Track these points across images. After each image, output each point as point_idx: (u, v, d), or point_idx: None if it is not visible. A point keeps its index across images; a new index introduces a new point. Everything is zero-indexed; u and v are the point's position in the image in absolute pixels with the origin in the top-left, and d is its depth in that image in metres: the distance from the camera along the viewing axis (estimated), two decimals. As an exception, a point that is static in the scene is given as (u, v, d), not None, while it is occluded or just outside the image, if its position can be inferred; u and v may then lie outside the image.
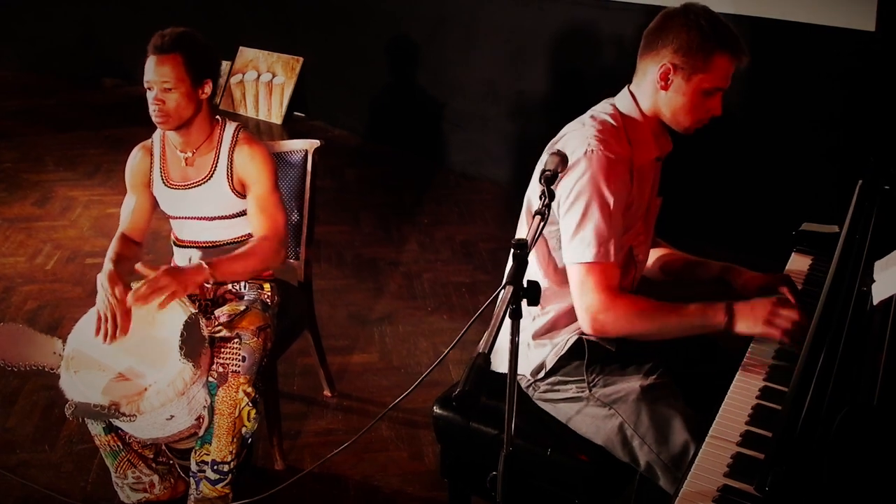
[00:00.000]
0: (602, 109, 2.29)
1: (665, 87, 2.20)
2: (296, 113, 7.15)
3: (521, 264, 1.58)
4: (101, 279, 2.66)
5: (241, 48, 7.31)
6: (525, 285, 1.59)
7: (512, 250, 1.62)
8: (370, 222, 5.29)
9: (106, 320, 2.58)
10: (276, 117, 7.07)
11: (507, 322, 1.57)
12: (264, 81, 7.15)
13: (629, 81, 2.32)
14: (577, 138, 2.18)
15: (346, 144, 6.66)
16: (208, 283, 2.71)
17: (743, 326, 2.13)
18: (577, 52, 5.20)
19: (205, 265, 2.66)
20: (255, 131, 6.96)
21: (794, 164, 4.51)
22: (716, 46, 2.15)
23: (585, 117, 2.27)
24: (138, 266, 2.64)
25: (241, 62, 7.30)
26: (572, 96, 5.13)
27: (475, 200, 5.62)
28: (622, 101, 2.29)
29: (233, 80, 7.27)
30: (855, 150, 4.05)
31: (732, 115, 4.57)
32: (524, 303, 1.60)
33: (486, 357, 1.43)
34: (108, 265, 2.73)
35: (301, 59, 7.01)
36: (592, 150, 2.13)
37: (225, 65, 7.24)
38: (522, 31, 5.45)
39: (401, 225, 5.22)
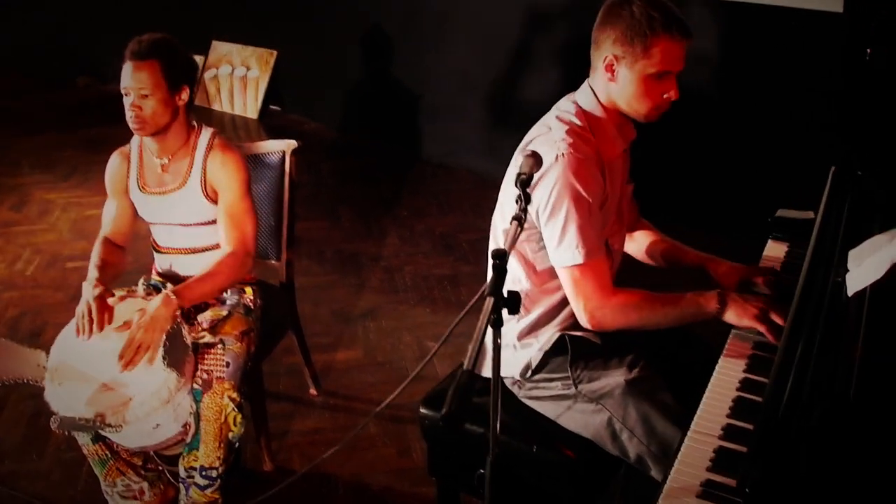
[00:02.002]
0: (566, 108, 2.30)
1: (613, 79, 2.22)
2: (271, 106, 7.12)
3: (500, 274, 1.59)
4: (86, 285, 2.67)
5: (214, 42, 7.26)
6: (505, 295, 1.61)
7: (490, 260, 1.64)
8: (349, 217, 5.29)
9: (83, 316, 2.59)
10: (252, 112, 7.04)
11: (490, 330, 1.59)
12: (239, 76, 7.11)
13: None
14: (545, 143, 2.19)
15: (323, 138, 6.64)
16: (178, 311, 2.66)
17: (732, 316, 2.17)
18: (549, 41, 5.21)
19: (171, 295, 2.62)
20: (230, 126, 6.93)
21: (768, 148, 4.55)
22: (650, 31, 2.14)
23: (551, 119, 2.29)
24: (143, 286, 2.68)
25: (214, 57, 7.25)
26: (546, 84, 5.14)
27: (453, 190, 5.63)
28: (583, 97, 2.30)
29: (207, 75, 7.23)
30: (828, 134, 4.09)
31: (706, 98, 4.63)
32: (505, 312, 1.61)
33: (470, 374, 1.44)
34: (93, 272, 2.75)
35: (275, 53, 6.97)
36: (563, 154, 2.15)
37: (198, 59, 7.20)
38: (495, 21, 5.45)
39: (380, 218, 5.23)
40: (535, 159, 1.96)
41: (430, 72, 5.97)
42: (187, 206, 2.86)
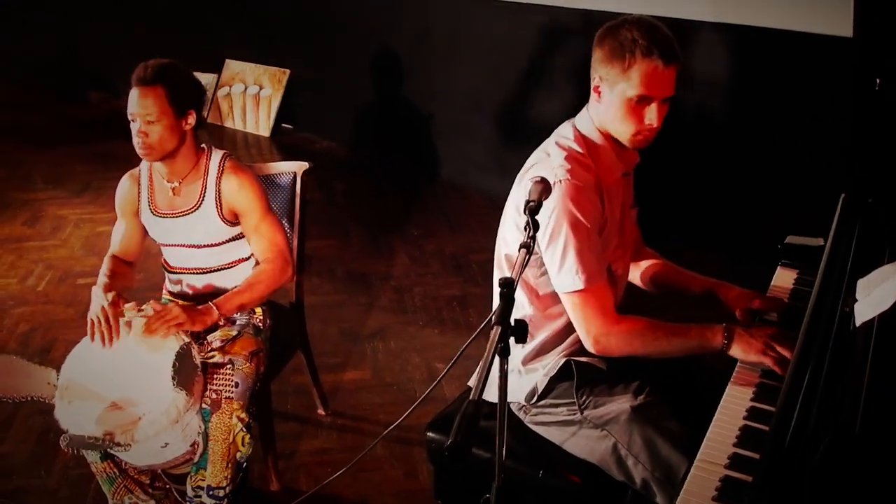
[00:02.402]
0: (565, 134, 2.30)
1: (599, 100, 2.24)
2: (283, 125, 7.17)
3: (507, 303, 1.60)
4: (96, 290, 2.70)
5: (227, 61, 7.33)
6: (512, 323, 1.61)
7: (497, 289, 1.64)
8: (360, 236, 5.31)
9: (99, 323, 2.62)
10: (264, 130, 7.09)
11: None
12: (251, 94, 7.16)
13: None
14: (544, 169, 2.20)
15: (334, 156, 6.68)
16: (220, 323, 2.74)
17: (738, 352, 2.18)
18: (560, 61, 5.23)
19: (214, 307, 2.71)
20: (242, 144, 6.98)
21: (778, 172, 4.55)
22: (630, 53, 2.14)
23: (550, 145, 2.29)
24: (152, 302, 2.69)
25: (227, 75, 7.31)
26: (556, 103, 5.16)
27: (464, 210, 5.65)
28: (582, 122, 2.31)
29: (220, 92, 7.29)
30: (839, 160, 4.09)
31: (715, 122, 4.64)
32: (512, 340, 1.62)
33: (476, 405, 1.45)
34: (102, 279, 2.79)
35: (288, 72, 7.03)
36: (561, 181, 2.16)
37: (211, 77, 7.25)
38: (506, 41, 5.48)
39: (390, 237, 5.25)
40: (544, 186, 1.96)
41: (441, 91, 6.00)
42: (201, 227, 2.88)
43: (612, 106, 2.21)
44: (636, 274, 2.68)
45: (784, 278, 2.72)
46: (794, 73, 4.37)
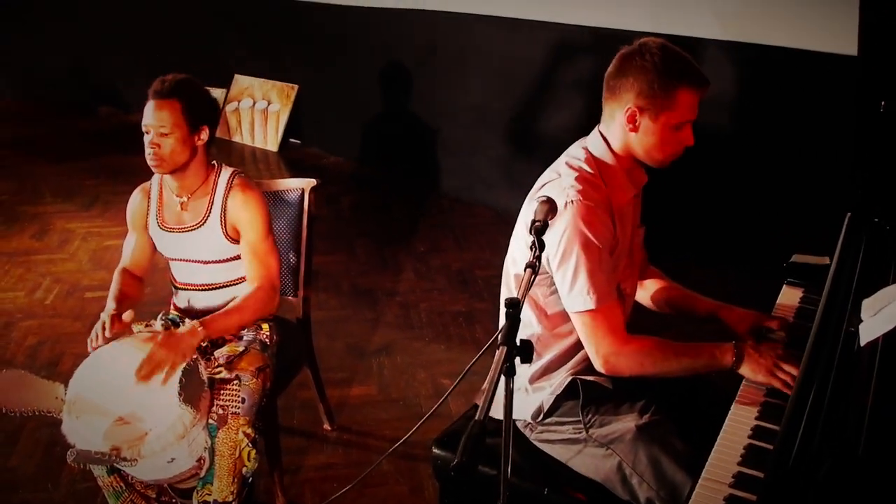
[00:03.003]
0: (576, 155, 2.32)
1: (634, 129, 2.24)
2: (291, 140, 7.19)
3: (513, 323, 1.61)
4: (104, 317, 2.72)
5: (236, 76, 7.36)
6: (518, 343, 1.62)
7: (503, 309, 1.65)
8: (366, 250, 5.32)
9: (96, 330, 2.69)
10: (272, 144, 7.12)
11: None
12: (259, 109, 7.19)
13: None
14: (555, 190, 2.21)
15: (342, 171, 6.70)
16: (203, 343, 2.74)
17: (747, 371, 2.20)
18: (566, 77, 5.25)
19: (198, 326, 2.69)
20: (250, 159, 7.01)
21: (784, 190, 4.55)
22: (676, 83, 2.17)
23: (561, 166, 2.31)
24: (130, 321, 2.71)
25: (236, 90, 7.34)
26: (563, 119, 5.18)
27: (469, 225, 5.66)
28: (594, 144, 2.32)
29: (228, 107, 7.32)
30: (845, 178, 4.09)
31: (721, 141, 4.64)
32: (517, 360, 1.63)
33: (482, 425, 1.46)
34: (111, 304, 2.81)
35: (296, 87, 7.06)
36: (572, 201, 2.17)
37: (220, 92, 7.29)
38: (512, 56, 5.50)
39: (397, 253, 5.26)
40: (550, 206, 1.96)
41: (448, 106, 6.02)
42: (206, 243, 2.90)
43: (653, 135, 2.22)
44: (641, 294, 2.69)
45: (790, 296, 2.72)
46: (801, 91, 4.38)
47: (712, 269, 4.55)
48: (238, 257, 2.93)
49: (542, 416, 2.34)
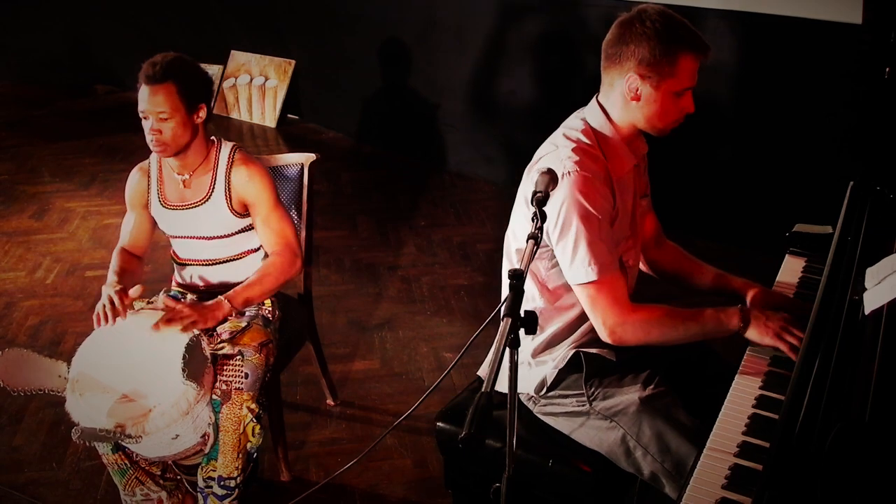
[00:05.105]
0: (573, 126, 2.29)
1: (636, 98, 2.21)
2: (289, 115, 7.16)
3: (517, 295, 1.60)
4: (106, 289, 2.72)
5: (232, 52, 7.31)
6: (522, 315, 1.62)
7: (507, 281, 1.65)
8: (367, 226, 5.31)
9: (104, 308, 2.67)
10: (270, 120, 7.09)
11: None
12: (257, 85, 7.15)
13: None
14: (552, 161, 2.18)
15: (341, 147, 6.67)
16: (231, 316, 2.76)
17: (754, 334, 2.19)
18: (566, 52, 5.22)
19: (224, 301, 2.72)
20: (249, 135, 6.98)
21: (786, 160, 4.54)
22: (677, 49, 2.14)
23: (558, 137, 2.28)
24: (164, 297, 2.72)
25: (233, 66, 7.30)
26: (562, 94, 5.16)
27: (471, 200, 5.64)
28: (592, 115, 2.29)
29: (225, 84, 7.28)
30: (847, 147, 4.08)
31: (723, 110, 4.63)
32: (521, 331, 1.62)
33: (489, 396, 1.45)
34: (112, 277, 2.82)
35: (293, 62, 7.02)
36: (570, 172, 2.14)
37: (217, 69, 7.25)
38: (512, 32, 5.47)
39: (398, 228, 5.25)
40: (551, 176, 1.95)
41: (448, 82, 5.99)
42: (211, 219, 2.89)
43: (656, 103, 2.20)
44: (659, 268, 2.68)
45: (792, 266, 2.72)
46: (803, 61, 4.36)
47: (713, 242, 4.56)
48: (242, 231, 2.93)
49: (545, 389, 2.33)
